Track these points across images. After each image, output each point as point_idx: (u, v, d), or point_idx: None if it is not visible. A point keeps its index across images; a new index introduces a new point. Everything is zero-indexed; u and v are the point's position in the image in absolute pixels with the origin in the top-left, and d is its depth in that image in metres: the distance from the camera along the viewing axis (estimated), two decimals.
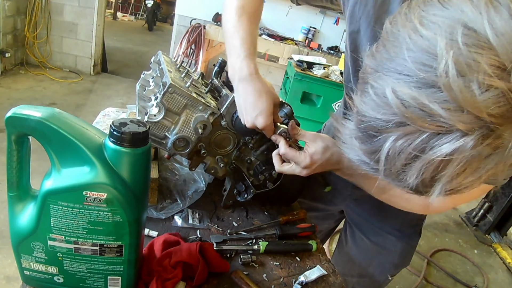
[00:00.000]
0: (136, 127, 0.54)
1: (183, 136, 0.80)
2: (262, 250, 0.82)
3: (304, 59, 3.51)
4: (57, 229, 0.55)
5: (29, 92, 3.85)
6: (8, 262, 1.82)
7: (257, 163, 0.90)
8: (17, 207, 0.57)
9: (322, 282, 0.81)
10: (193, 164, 0.88)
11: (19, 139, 0.53)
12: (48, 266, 0.59)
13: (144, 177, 0.58)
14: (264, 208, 1.01)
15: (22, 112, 0.51)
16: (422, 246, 2.84)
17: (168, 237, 0.76)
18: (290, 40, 4.35)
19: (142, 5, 10.60)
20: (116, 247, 0.58)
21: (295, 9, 4.50)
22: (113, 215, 0.54)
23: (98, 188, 0.52)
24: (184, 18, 4.45)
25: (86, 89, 4.30)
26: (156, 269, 0.67)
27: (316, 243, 0.89)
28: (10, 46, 4.13)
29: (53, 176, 0.54)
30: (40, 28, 4.36)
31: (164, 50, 1.17)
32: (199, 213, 0.91)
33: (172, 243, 0.75)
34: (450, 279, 2.56)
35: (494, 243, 3.13)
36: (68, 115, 0.55)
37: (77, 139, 0.52)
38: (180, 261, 0.68)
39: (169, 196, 0.93)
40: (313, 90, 3.32)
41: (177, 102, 0.78)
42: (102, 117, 1.22)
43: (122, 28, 8.92)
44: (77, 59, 4.67)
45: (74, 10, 4.37)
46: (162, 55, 0.98)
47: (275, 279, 0.78)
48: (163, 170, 0.99)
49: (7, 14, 3.92)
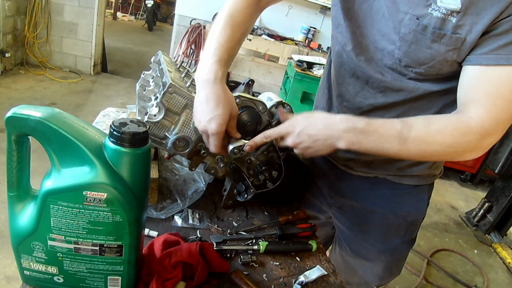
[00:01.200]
0: (136, 127, 0.54)
1: (183, 136, 0.81)
2: (262, 250, 0.82)
3: (304, 59, 3.51)
4: (57, 229, 0.55)
5: (29, 92, 3.85)
6: (8, 262, 1.82)
7: (257, 163, 0.90)
8: (17, 207, 0.57)
9: (322, 282, 0.81)
10: (193, 164, 0.88)
11: (19, 139, 0.53)
12: (48, 266, 0.59)
13: (144, 177, 0.58)
14: (264, 208, 1.01)
15: (22, 112, 0.51)
16: (422, 246, 2.84)
17: (168, 237, 0.76)
18: (290, 40, 4.36)
19: (142, 5, 10.60)
20: (116, 247, 0.58)
21: (295, 9, 4.51)
22: (113, 215, 0.54)
23: (98, 188, 0.52)
24: (184, 18, 4.45)
25: (86, 89, 4.30)
26: (156, 269, 0.67)
27: (316, 243, 0.89)
28: (10, 46, 4.14)
29: (53, 176, 0.54)
30: (40, 28, 4.36)
31: (164, 50, 1.17)
32: (199, 213, 0.91)
33: (172, 243, 0.75)
34: (450, 279, 2.56)
35: (494, 243, 3.13)
36: (68, 115, 0.55)
37: (77, 139, 0.52)
38: (180, 261, 0.68)
39: (169, 196, 0.94)
40: (313, 90, 3.32)
41: (177, 102, 0.78)
42: (102, 117, 1.22)
43: (122, 28, 8.92)
44: (77, 59, 4.67)
45: (74, 10, 4.37)
46: (162, 55, 0.98)
47: (275, 279, 0.78)
48: (163, 170, 0.99)
49: (7, 14, 3.92)
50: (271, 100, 0.91)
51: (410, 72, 0.79)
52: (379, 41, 0.80)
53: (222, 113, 0.74)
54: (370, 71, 0.84)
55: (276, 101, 0.89)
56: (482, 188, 4.28)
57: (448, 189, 4.10)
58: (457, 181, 4.31)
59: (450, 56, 0.72)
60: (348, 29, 0.85)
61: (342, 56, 0.89)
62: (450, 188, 4.14)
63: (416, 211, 1.00)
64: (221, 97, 0.75)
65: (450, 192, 4.03)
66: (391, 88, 0.83)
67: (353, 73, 0.88)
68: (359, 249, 1.07)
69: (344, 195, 1.05)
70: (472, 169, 4.21)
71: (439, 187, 4.05)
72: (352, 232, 1.08)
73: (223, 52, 0.80)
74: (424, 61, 0.75)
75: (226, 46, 0.81)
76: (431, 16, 0.70)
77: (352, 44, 0.85)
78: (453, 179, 4.32)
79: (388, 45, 0.79)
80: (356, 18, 0.83)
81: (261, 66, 4.81)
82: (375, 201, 1.00)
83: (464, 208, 3.69)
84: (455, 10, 0.68)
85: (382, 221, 1.01)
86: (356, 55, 0.85)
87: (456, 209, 3.67)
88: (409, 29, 0.73)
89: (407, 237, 1.03)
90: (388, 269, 1.07)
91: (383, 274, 1.07)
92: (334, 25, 0.91)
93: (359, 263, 1.08)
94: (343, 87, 0.91)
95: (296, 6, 4.49)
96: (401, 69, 0.80)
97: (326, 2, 4.35)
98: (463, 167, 4.20)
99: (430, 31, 0.71)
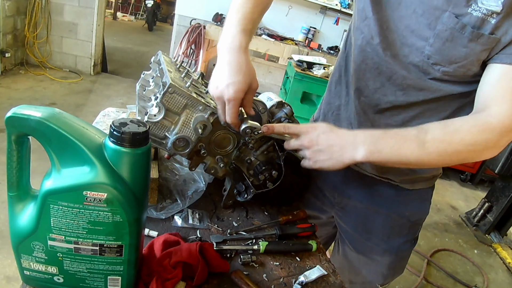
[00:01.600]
0: (136, 127, 0.54)
1: (183, 136, 0.80)
2: (262, 250, 0.82)
3: (304, 59, 3.51)
4: (57, 229, 0.55)
5: (29, 92, 3.85)
6: (8, 262, 1.82)
7: (257, 163, 0.90)
8: (17, 207, 0.57)
9: (322, 282, 0.81)
10: (193, 164, 0.88)
11: (19, 139, 0.53)
12: (48, 266, 0.59)
13: (144, 177, 0.58)
14: (264, 208, 1.01)
15: (22, 112, 0.51)
16: (422, 246, 2.84)
17: (168, 237, 0.76)
18: (290, 40, 4.36)
19: (142, 5, 10.60)
20: (116, 247, 0.58)
21: (295, 9, 4.51)
22: (113, 215, 0.54)
23: (98, 188, 0.52)
24: (184, 18, 4.45)
25: (86, 89, 4.30)
26: (156, 269, 0.67)
27: (316, 243, 0.89)
28: (10, 46, 4.14)
29: (53, 176, 0.54)
30: (40, 28, 4.36)
31: (164, 50, 1.17)
32: (199, 213, 0.91)
33: (172, 243, 0.75)
34: (450, 279, 2.56)
35: (494, 243, 3.13)
36: (68, 115, 0.55)
37: (77, 139, 0.52)
38: (180, 261, 0.68)
39: (169, 196, 0.93)
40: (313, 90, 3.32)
41: (177, 102, 0.78)
42: (102, 117, 1.22)
43: (122, 28, 8.92)
44: (77, 59, 4.67)
45: (74, 10, 4.37)
46: (162, 55, 0.98)
47: (275, 279, 0.78)
48: (163, 170, 0.99)
49: (7, 14, 3.92)
50: (271, 100, 0.91)
51: (436, 71, 0.78)
52: (408, 37, 0.79)
53: (242, 80, 0.73)
54: (396, 67, 0.83)
55: (276, 101, 0.89)
56: (482, 188, 4.29)
57: (448, 189, 4.10)
58: (457, 181, 4.31)
59: (484, 55, 0.73)
60: (376, 23, 0.83)
61: (366, 50, 0.87)
62: (450, 188, 4.14)
63: (420, 211, 1.01)
64: (243, 65, 0.74)
65: (450, 192, 4.04)
66: (413, 87, 0.82)
67: (377, 67, 0.86)
68: (363, 249, 1.07)
69: (349, 195, 1.05)
70: (472, 169, 4.21)
71: (439, 187, 4.05)
72: (356, 232, 1.08)
73: (247, 22, 0.79)
74: (457, 60, 0.75)
75: (249, 17, 0.81)
76: (471, 15, 0.70)
77: (380, 38, 0.83)
78: (453, 179, 4.32)
79: (418, 41, 0.78)
80: (383, 12, 0.82)
81: (261, 66, 4.82)
82: (380, 202, 1.00)
83: (464, 208, 3.69)
84: (495, 11, 0.68)
85: (386, 221, 1.01)
86: (383, 50, 0.83)
87: (456, 209, 3.67)
88: (447, 27, 0.73)
89: (410, 236, 1.04)
90: (392, 268, 1.07)
91: (387, 273, 1.08)
92: (360, 17, 0.88)
93: (363, 262, 1.08)
94: (363, 81, 0.89)
95: (296, 6, 4.49)
96: (427, 67, 0.79)
97: (326, 2, 4.35)
98: (463, 167, 4.20)
99: (468, 31, 0.71)
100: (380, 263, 1.06)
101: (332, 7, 4.41)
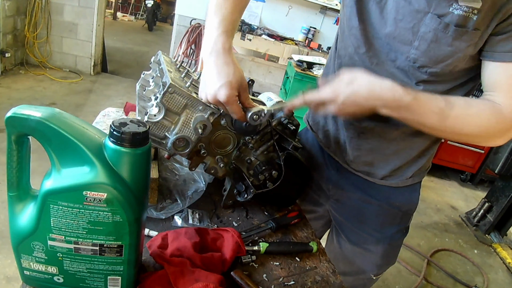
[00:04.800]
0: (136, 127, 0.54)
1: (183, 136, 0.80)
2: (262, 251, 0.82)
3: (304, 59, 3.51)
4: (57, 229, 0.55)
5: (29, 92, 3.85)
6: (8, 262, 1.82)
7: (257, 163, 0.90)
8: (17, 207, 0.57)
9: (322, 282, 0.81)
10: (193, 164, 0.88)
11: (19, 139, 0.53)
12: (48, 266, 0.59)
13: (144, 177, 0.58)
14: (264, 208, 1.01)
15: (22, 112, 0.51)
16: (422, 246, 2.84)
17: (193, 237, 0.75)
18: (290, 40, 4.36)
19: (142, 5, 10.61)
20: (116, 247, 0.58)
21: (295, 9, 4.51)
22: (113, 215, 0.54)
23: (98, 188, 0.52)
24: (184, 18, 4.45)
25: (86, 89, 4.30)
26: None
27: (316, 244, 0.89)
28: (10, 46, 4.14)
29: (53, 176, 0.54)
30: (40, 28, 4.36)
31: (164, 50, 1.17)
32: (199, 213, 0.91)
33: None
34: (450, 279, 2.56)
35: (494, 243, 3.13)
36: (68, 115, 0.55)
37: (77, 139, 0.52)
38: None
39: (169, 196, 0.93)
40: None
41: (177, 102, 0.78)
42: (102, 117, 1.22)
43: (122, 28, 8.92)
44: (77, 59, 4.67)
45: (74, 10, 4.37)
46: (162, 55, 0.98)
47: (275, 279, 0.78)
48: (163, 170, 0.99)
49: (7, 14, 3.92)
50: (271, 100, 0.91)
51: (423, 73, 0.80)
52: (391, 44, 0.81)
53: (233, 80, 0.73)
54: (383, 74, 0.83)
55: (276, 101, 0.89)
56: (482, 188, 4.28)
57: (448, 189, 4.10)
58: (457, 181, 4.31)
59: (470, 51, 0.74)
60: (362, 33, 0.85)
61: (354, 59, 0.89)
62: (450, 188, 4.14)
63: (410, 202, 1.05)
64: (230, 66, 0.74)
65: (450, 192, 4.04)
66: None
67: None
68: (357, 239, 1.10)
69: (343, 187, 1.08)
70: (472, 169, 4.20)
71: (439, 187, 4.06)
72: (350, 222, 1.10)
73: (227, 23, 0.79)
74: (443, 59, 0.76)
75: (229, 19, 0.80)
76: (453, 14, 0.71)
77: (365, 47, 0.85)
78: (453, 179, 4.32)
79: (402, 46, 0.79)
80: (367, 20, 0.83)
81: (261, 66, 4.81)
82: (372, 193, 1.04)
83: (464, 208, 3.69)
84: (476, 7, 0.69)
85: (379, 211, 1.04)
86: (369, 58, 0.86)
87: (456, 209, 3.67)
88: (430, 28, 0.74)
89: (402, 225, 1.07)
90: (386, 257, 1.10)
91: (381, 262, 1.10)
92: (348, 26, 0.89)
93: (358, 252, 1.11)
94: None
95: (296, 6, 4.49)
96: (414, 71, 0.81)
97: (326, 2, 4.35)
98: (463, 167, 4.19)
99: (452, 29, 0.72)
100: (373, 253, 1.09)
101: (332, 7, 4.41)
